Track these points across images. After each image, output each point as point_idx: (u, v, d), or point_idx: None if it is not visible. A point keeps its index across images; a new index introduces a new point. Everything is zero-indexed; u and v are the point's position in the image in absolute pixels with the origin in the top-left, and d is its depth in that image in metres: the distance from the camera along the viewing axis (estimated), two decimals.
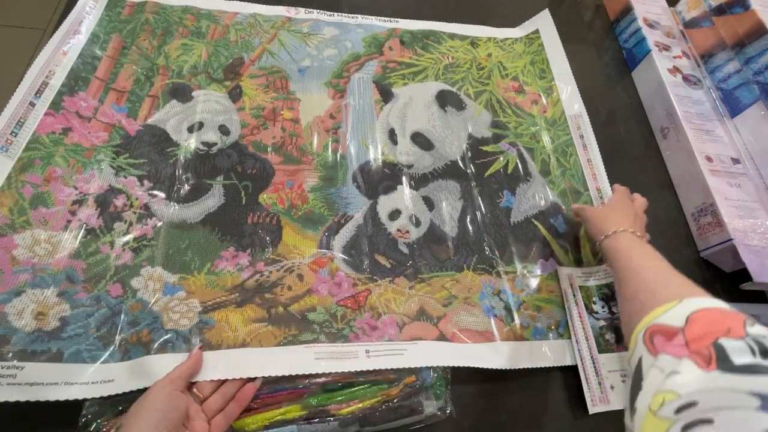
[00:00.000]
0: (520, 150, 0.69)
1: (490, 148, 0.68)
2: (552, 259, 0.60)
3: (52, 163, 0.52)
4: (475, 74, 0.76)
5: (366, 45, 0.74)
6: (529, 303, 0.56)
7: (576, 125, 0.73)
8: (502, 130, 0.71)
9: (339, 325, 0.50)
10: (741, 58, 0.68)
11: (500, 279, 0.57)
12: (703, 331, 0.32)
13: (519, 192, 0.65)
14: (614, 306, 0.57)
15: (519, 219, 0.63)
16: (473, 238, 0.60)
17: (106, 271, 0.48)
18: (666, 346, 0.34)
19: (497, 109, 0.73)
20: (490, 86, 0.75)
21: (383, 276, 0.55)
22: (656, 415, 0.29)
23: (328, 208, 0.59)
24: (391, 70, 0.72)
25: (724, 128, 0.69)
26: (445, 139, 0.68)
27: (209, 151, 0.60)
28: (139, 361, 0.44)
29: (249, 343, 0.47)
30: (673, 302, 0.37)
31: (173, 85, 0.63)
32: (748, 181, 0.64)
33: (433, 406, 0.46)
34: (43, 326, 0.44)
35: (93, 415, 0.41)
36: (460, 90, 0.73)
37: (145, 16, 0.67)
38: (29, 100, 0.53)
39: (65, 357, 0.43)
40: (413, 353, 0.49)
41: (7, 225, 0.47)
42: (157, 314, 0.47)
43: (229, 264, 0.53)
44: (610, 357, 0.53)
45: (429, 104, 0.70)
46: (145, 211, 0.53)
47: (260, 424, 0.44)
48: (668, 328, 0.35)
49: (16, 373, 0.41)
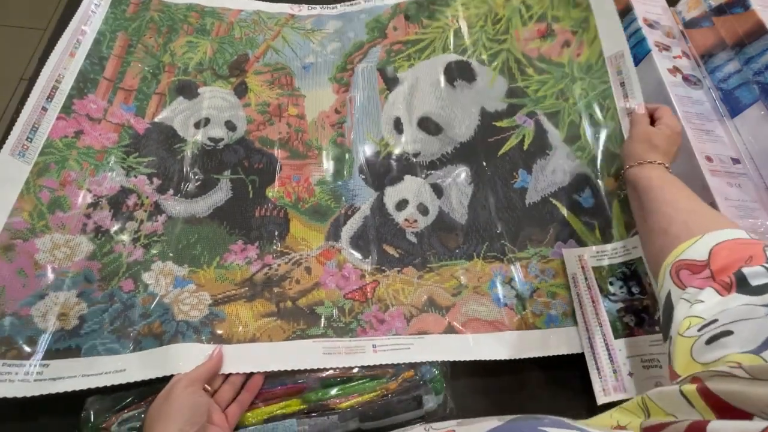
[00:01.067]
0: (539, 120, 0.63)
1: (504, 123, 0.64)
2: (572, 240, 0.57)
3: (67, 167, 0.54)
4: (489, 32, 0.69)
5: (369, 30, 0.71)
6: (543, 290, 0.54)
7: (616, 69, 0.62)
8: (519, 98, 0.65)
9: (346, 319, 0.51)
10: (741, 58, 0.67)
11: (512, 266, 0.55)
12: (727, 261, 0.35)
13: (536, 169, 0.61)
14: (634, 286, 0.54)
15: (535, 199, 0.59)
16: (484, 225, 0.58)
17: (119, 269, 0.50)
18: (692, 280, 0.36)
19: (515, 71, 0.66)
20: (507, 42, 0.67)
21: (391, 266, 0.55)
22: (683, 335, 0.33)
23: (334, 200, 0.59)
24: (395, 53, 0.69)
25: (724, 128, 0.68)
26: (454, 119, 0.64)
27: (216, 147, 0.61)
28: (151, 352, 0.45)
29: (259, 338, 0.48)
30: (696, 237, 0.39)
31: (179, 83, 0.64)
32: (748, 181, 0.63)
33: (433, 401, 0.46)
34: (65, 326, 0.46)
35: (94, 411, 0.42)
36: (472, 56, 0.67)
37: (150, 14, 0.68)
38: (41, 105, 0.55)
39: (83, 351, 0.45)
40: (419, 348, 0.49)
41: (28, 230, 0.49)
42: (168, 306, 0.49)
43: (237, 257, 0.54)
44: (630, 342, 0.50)
45: (436, 83, 0.66)
46: (155, 208, 0.55)
47: (260, 418, 0.44)
48: (693, 262, 0.37)
49: (42, 371, 0.44)
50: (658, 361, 0.49)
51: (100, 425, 0.42)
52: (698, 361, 0.30)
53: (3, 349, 0.44)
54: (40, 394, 0.42)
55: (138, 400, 0.44)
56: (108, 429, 0.42)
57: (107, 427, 0.42)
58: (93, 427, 0.42)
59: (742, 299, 0.32)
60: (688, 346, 0.32)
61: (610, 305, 0.52)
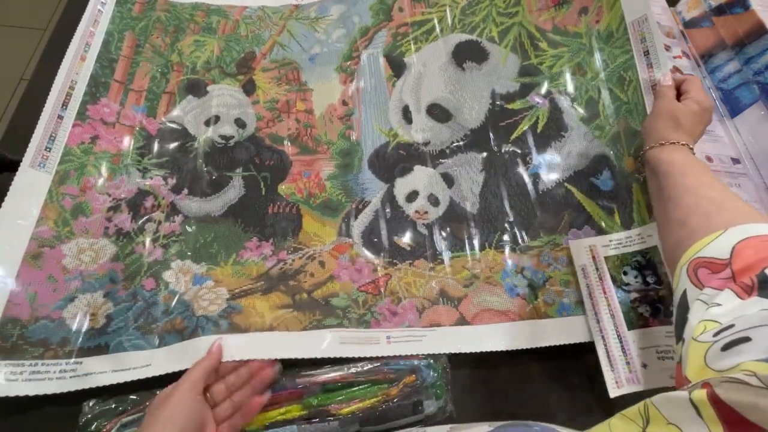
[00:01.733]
0: (555, 99, 0.61)
1: (517, 105, 0.62)
2: (587, 227, 0.55)
3: (86, 173, 0.56)
4: (500, 4, 0.66)
5: (374, 13, 0.69)
6: (556, 278, 0.53)
7: (640, 36, 0.58)
8: (533, 76, 0.63)
9: (361, 310, 0.52)
10: (741, 58, 0.66)
11: (524, 256, 0.55)
12: (751, 261, 0.32)
13: (550, 152, 0.59)
14: (649, 275, 0.53)
15: (549, 185, 0.58)
16: (495, 214, 0.58)
17: (141, 268, 0.52)
18: (711, 280, 0.34)
19: (528, 47, 0.63)
20: (519, 15, 0.65)
21: (403, 259, 0.56)
22: (697, 340, 0.31)
23: (345, 195, 0.59)
24: (402, 36, 0.68)
25: (724, 128, 0.67)
26: (464, 105, 0.63)
27: (227, 144, 0.61)
28: (174, 346, 0.48)
29: (276, 328, 0.50)
30: (719, 232, 0.35)
31: (188, 81, 0.64)
32: (748, 181, 0.63)
33: (434, 406, 0.46)
34: (94, 325, 0.49)
35: (93, 415, 0.43)
36: (482, 35, 0.65)
37: (157, 14, 0.68)
38: (57, 113, 0.56)
39: (111, 348, 0.48)
40: (432, 340, 0.50)
41: (54, 237, 0.52)
42: (188, 303, 0.51)
43: (253, 254, 0.55)
44: (644, 333, 0.49)
45: (445, 66, 0.65)
46: (171, 209, 0.56)
47: (260, 424, 0.45)
48: (713, 260, 0.35)
49: (76, 368, 0.47)
50: (673, 352, 0.48)
51: (99, 430, 0.43)
52: (712, 368, 0.28)
53: (41, 350, 0.47)
54: (76, 389, 0.45)
55: (136, 404, 0.45)
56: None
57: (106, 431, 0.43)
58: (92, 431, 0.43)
59: (763, 303, 0.29)
60: (702, 351, 0.30)
61: (624, 296, 0.51)
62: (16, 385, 0.45)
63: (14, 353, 0.46)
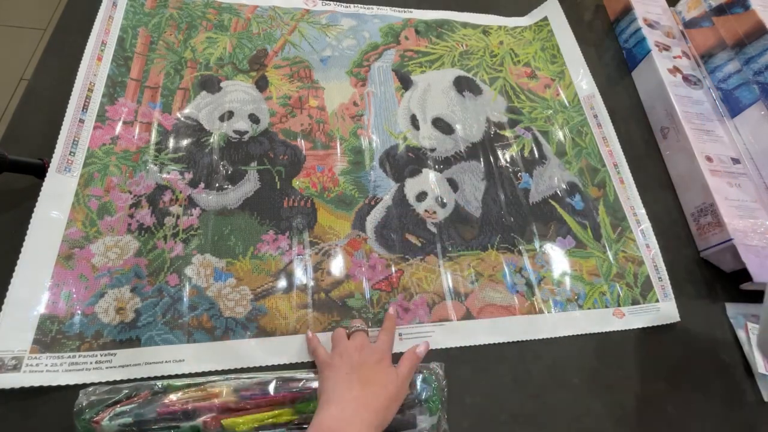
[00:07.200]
0: (535, 134, 0.72)
1: (508, 132, 0.72)
2: (569, 236, 0.65)
3: (108, 174, 0.57)
4: (488, 61, 0.79)
5: (383, 35, 0.75)
6: (548, 278, 0.60)
7: (589, 105, 0.76)
8: (517, 115, 0.74)
9: (375, 309, 0.55)
10: (741, 58, 0.68)
11: (521, 257, 0.61)
12: None
13: (536, 174, 0.69)
14: None
15: (537, 200, 0.67)
16: (496, 218, 0.63)
17: (164, 264, 0.54)
18: None
19: (511, 95, 0.76)
20: (503, 72, 0.78)
21: (414, 255, 0.59)
22: None
23: (358, 190, 0.62)
24: (408, 59, 0.74)
25: (724, 128, 0.69)
26: (465, 122, 0.71)
27: (241, 139, 0.63)
28: (204, 345, 0.51)
29: (299, 330, 0.52)
30: None
31: (202, 77, 0.65)
32: (748, 181, 0.65)
33: (427, 422, 0.45)
34: (124, 319, 0.51)
35: (87, 403, 0.43)
36: (476, 76, 0.76)
37: (169, 12, 0.69)
38: (78, 117, 0.57)
39: (143, 342, 0.50)
40: (440, 334, 0.54)
41: (83, 237, 0.53)
42: (214, 301, 0.53)
43: (270, 247, 0.57)
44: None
45: (447, 90, 0.73)
46: (189, 202, 0.57)
47: (250, 426, 0.43)
48: None
49: (111, 359, 0.49)
50: None
51: (92, 418, 0.43)
52: None
53: (78, 343, 0.50)
54: (114, 379, 0.48)
55: (131, 395, 0.45)
56: (99, 423, 0.42)
57: (98, 420, 0.42)
58: (85, 419, 0.43)
59: None
60: None
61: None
62: (57, 375, 0.47)
63: (54, 346, 0.49)
